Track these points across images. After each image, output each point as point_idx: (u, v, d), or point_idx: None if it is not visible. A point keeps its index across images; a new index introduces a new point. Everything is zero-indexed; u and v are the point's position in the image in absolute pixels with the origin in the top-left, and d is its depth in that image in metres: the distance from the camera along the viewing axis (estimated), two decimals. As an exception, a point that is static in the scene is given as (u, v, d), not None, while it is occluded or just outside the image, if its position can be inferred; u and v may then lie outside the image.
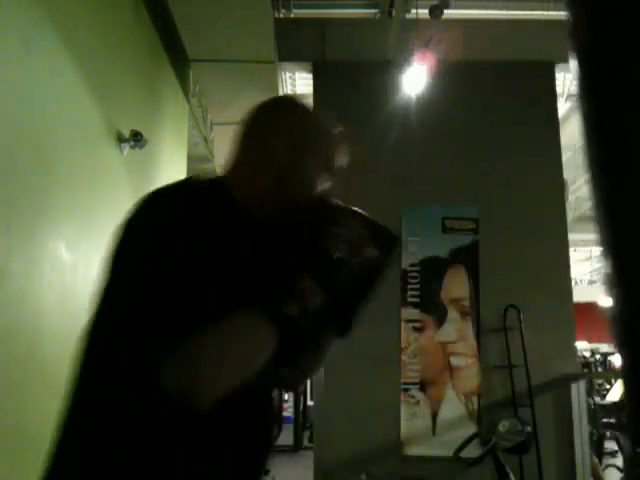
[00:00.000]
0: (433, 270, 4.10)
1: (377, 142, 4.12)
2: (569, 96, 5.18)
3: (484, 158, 4.24)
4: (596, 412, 6.52)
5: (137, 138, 2.82)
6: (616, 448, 6.32)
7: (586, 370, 8.72)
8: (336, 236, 0.97)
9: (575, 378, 3.98)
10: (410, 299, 4.08)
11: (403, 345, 4.03)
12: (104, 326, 0.96)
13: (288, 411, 12.62)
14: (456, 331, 4.03)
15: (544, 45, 4.34)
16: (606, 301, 0.50)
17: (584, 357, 11.03)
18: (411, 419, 3.94)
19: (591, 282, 13.74)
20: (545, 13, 4.52)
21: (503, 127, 4.27)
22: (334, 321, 1.00)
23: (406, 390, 3.98)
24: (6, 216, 1.72)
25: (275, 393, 1.12)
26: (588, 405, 4.89)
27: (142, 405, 0.91)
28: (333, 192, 1.08)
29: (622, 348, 0.53)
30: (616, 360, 11.35)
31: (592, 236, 1.07)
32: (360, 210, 1.04)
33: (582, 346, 11.38)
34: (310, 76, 4.49)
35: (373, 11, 4.57)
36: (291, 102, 1.17)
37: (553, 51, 4.33)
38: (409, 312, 4.06)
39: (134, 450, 0.91)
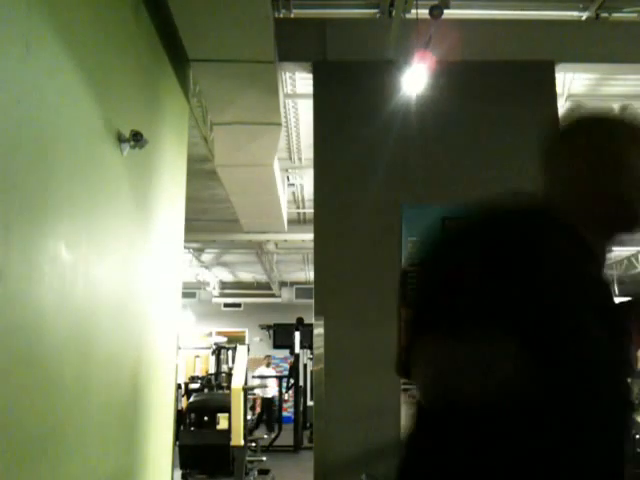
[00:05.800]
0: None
1: (377, 142, 4.11)
2: (569, 96, 5.17)
3: (483, 158, 4.23)
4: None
5: (137, 138, 2.81)
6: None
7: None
8: None
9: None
10: (410, 299, 4.06)
11: (403, 345, 4.02)
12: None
13: (288, 411, 12.65)
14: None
15: (544, 45, 4.34)
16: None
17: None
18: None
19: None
20: (545, 13, 4.52)
21: (503, 127, 4.26)
22: None
23: (406, 390, 3.98)
24: (6, 216, 1.72)
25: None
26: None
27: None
28: None
29: None
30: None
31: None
32: None
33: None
34: (310, 76, 4.49)
35: (373, 11, 4.57)
36: (612, 118, 1.10)
37: (553, 51, 4.33)
38: (409, 312, 4.05)
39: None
